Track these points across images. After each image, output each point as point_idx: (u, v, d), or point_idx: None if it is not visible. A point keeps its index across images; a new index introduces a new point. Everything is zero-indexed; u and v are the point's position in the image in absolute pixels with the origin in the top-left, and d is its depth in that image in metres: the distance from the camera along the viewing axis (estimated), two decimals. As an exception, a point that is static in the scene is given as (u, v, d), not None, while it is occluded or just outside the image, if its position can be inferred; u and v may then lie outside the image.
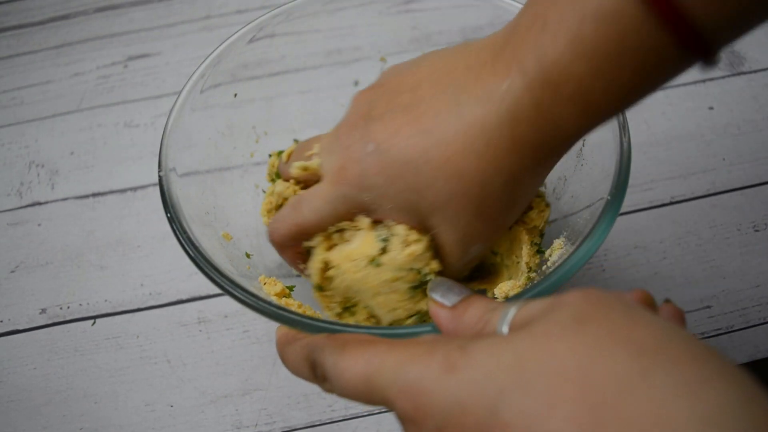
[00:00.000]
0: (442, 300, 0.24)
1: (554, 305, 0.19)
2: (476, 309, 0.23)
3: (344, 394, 0.22)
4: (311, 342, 0.25)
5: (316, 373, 0.24)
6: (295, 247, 0.33)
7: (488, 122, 0.26)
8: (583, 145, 0.36)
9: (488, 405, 0.17)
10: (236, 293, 0.28)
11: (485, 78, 0.26)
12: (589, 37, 0.23)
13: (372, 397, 0.21)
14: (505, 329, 0.21)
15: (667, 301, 0.23)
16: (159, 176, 0.33)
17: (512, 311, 0.21)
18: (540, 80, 0.24)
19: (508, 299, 0.27)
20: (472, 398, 0.18)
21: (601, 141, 0.33)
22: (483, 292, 0.36)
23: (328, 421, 0.39)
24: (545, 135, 0.26)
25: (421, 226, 0.30)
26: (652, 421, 0.15)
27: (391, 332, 0.26)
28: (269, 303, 0.28)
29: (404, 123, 0.28)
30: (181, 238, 0.31)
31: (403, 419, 0.20)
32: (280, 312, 0.27)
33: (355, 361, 0.22)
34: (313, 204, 0.31)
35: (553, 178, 0.38)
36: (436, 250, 0.31)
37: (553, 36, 0.23)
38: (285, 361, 0.26)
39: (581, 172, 0.36)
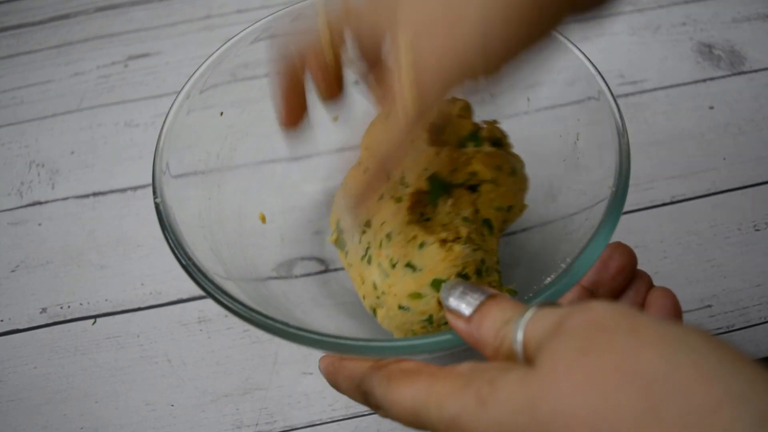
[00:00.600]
0: (458, 307, 0.24)
1: (558, 332, 0.19)
2: (492, 320, 0.23)
3: (396, 421, 0.23)
4: (358, 372, 0.25)
5: (370, 402, 0.25)
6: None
7: None
8: (578, 139, 0.36)
9: None
10: (227, 302, 0.28)
11: None
12: None
13: (423, 426, 0.22)
14: (519, 342, 0.21)
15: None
16: (153, 183, 0.33)
17: (523, 321, 0.21)
18: None
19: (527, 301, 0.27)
20: None
21: (600, 141, 0.33)
22: None
23: (328, 421, 0.39)
24: None
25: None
26: None
27: (411, 344, 0.26)
28: (266, 316, 0.27)
29: None
30: (171, 244, 0.31)
31: None
32: (277, 325, 0.27)
33: (402, 396, 0.22)
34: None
35: (548, 175, 0.38)
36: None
37: None
38: (338, 389, 0.27)
39: (580, 170, 0.36)
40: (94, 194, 0.50)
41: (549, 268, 0.34)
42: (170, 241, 0.31)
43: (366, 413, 0.39)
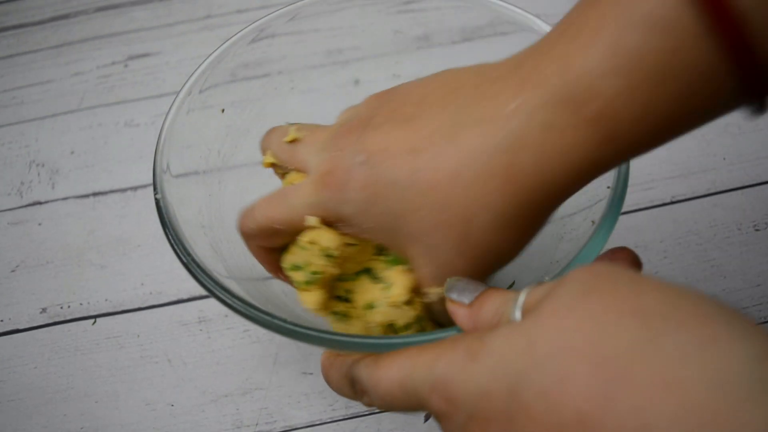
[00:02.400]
0: (459, 298, 0.24)
1: (560, 283, 0.19)
2: (492, 302, 0.23)
3: (383, 405, 0.23)
4: (348, 359, 0.25)
5: (355, 389, 0.24)
6: (260, 240, 0.31)
7: (483, 148, 0.22)
8: None
9: (508, 389, 0.18)
10: (230, 301, 0.28)
11: (492, 97, 0.23)
12: (631, 47, 0.19)
13: (409, 400, 0.22)
14: (518, 315, 0.21)
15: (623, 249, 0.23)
16: (153, 180, 0.33)
17: (522, 296, 0.21)
18: (559, 96, 0.21)
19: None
20: (494, 384, 0.18)
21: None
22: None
23: (329, 421, 0.39)
24: (548, 168, 0.22)
25: (398, 251, 0.27)
26: (662, 385, 0.15)
27: (409, 341, 0.25)
28: (267, 313, 0.27)
29: (398, 138, 0.25)
30: (173, 242, 0.31)
31: (438, 416, 0.20)
32: (275, 321, 0.27)
33: (388, 369, 0.22)
34: (291, 201, 0.28)
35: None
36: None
37: (585, 45, 0.20)
38: (330, 383, 0.27)
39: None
40: (94, 194, 0.50)
41: (547, 267, 0.34)
42: (170, 237, 0.31)
43: (366, 413, 0.39)
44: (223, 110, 0.39)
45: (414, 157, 0.24)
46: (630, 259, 0.25)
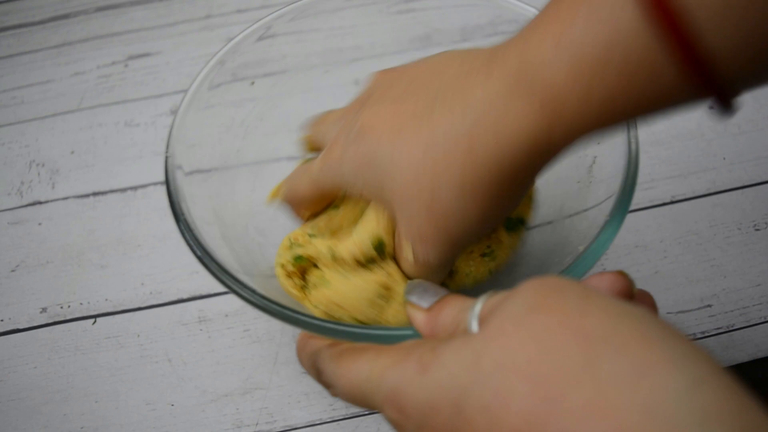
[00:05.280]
0: (418, 302, 0.24)
1: (510, 295, 0.20)
2: (451, 309, 0.23)
3: (345, 400, 0.23)
4: (314, 349, 0.25)
5: (323, 380, 0.25)
6: (295, 209, 0.36)
7: (451, 130, 0.25)
8: (594, 163, 0.36)
9: (454, 403, 0.18)
10: (242, 292, 0.29)
11: (467, 86, 0.25)
12: (574, 38, 0.21)
13: (367, 403, 0.22)
14: (474, 325, 0.21)
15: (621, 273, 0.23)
16: (165, 170, 0.33)
17: (479, 305, 0.21)
18: (515, 84, 0.23)
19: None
20: (441, 398, 0.19)
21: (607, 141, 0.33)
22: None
23: (329, 420, 0.39)
24: (505, 148, 0.24)
25: (389, 210, 0.30)
26: (594, 411, 0.15)
27: (375, 333, 0.26)
28: (276, 303, 0.28)
29: (384, 118, 0.28)
30: (186, 236, 0.31)
31: (391, 423, 0.21)
32: (285, 311, 0.27)
33: (348, 370, 0.23)
34: (307, 174, 0.33)
35: (553, 178, 0.38)
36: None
37: (541, 35, 0.22)
38: (303, 366, 0.27)
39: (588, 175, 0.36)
40: (94, 194, 0.50)
41: (551, 266, 0.34)
42: (183, 231, 0.31)
43: (366, 413, 0.39)
44: (252, 82, 0.40)
45: (395, 136, 0.27)
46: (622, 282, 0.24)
